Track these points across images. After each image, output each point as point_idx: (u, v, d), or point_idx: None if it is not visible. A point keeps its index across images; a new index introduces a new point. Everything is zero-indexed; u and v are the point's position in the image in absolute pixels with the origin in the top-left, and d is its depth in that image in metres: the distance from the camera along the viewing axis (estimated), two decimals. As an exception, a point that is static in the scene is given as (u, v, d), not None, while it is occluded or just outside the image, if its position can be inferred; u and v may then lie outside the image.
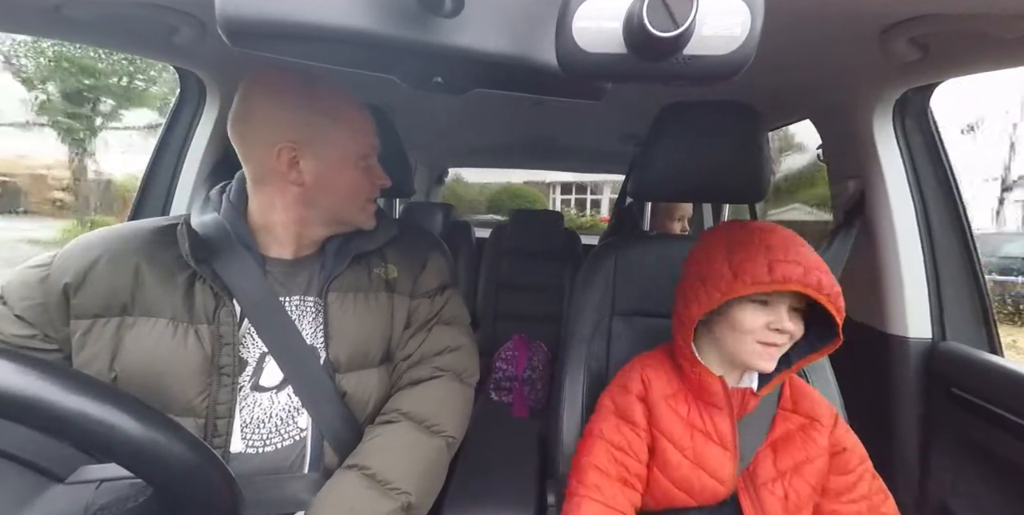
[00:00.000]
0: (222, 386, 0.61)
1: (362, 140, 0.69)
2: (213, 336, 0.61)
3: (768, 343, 0.62)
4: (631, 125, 1.47)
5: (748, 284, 0.58)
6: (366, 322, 0.70)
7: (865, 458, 0.67)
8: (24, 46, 8.84)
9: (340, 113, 0.66)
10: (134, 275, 0.61)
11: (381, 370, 0.72)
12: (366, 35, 0.32)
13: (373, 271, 0.73)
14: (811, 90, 0.95)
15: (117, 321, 0.60)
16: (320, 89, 0.65)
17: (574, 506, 0.65)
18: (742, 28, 0.30)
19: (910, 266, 0.91)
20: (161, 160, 1.09)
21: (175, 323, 0.61)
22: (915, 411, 0.90)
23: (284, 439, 0.64)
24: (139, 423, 0.30)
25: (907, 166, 0.92)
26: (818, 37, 0.68)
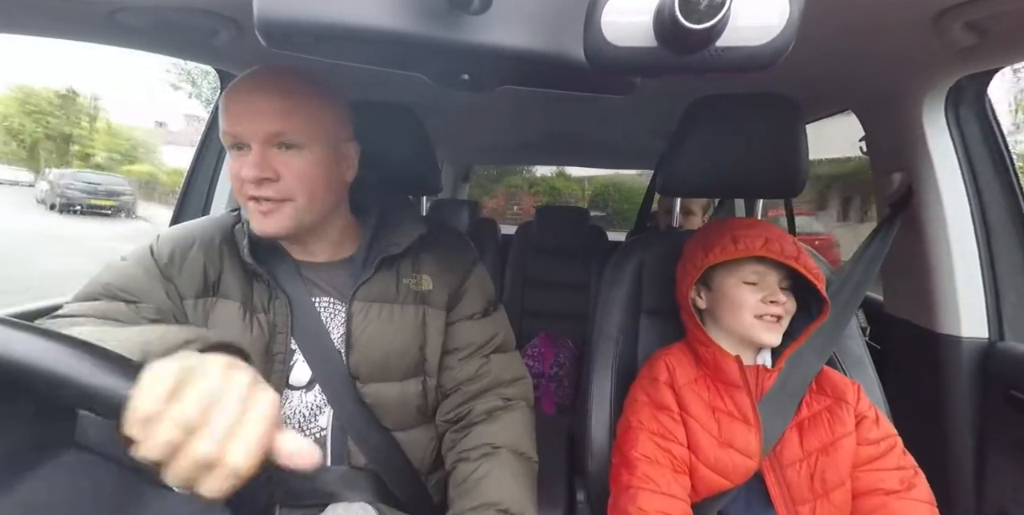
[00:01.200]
0: (273, 373, 0.65)
1: (228, 119, 0.59)
2: (270, 324, 0.65)
3: (766, 315, 0.69)
4: (660, 119, 1.44)
5: (718, 254, 0.70)
6: (389, 335, 0.68)
7: (891, 435, 0.68)
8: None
9: (227, 93, 0.60)
10: (219, 259, 0.67)
11: (407, 384, 0.70)
12: (398, 34, 0.32)
13: (402, 281, 0.70)
14: (854, 79, 0.90)
15: (211, 300, 0.66)
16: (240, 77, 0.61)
17: (629, 498, 0.66)
18: (780, 17, 0.29)
19: (964, 262, 0.86)
20: (203, 159, 1.14)
21: (244, 309, 0.65)
22: (970, 415, 0.85)
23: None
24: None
25: (960, 157, 0.87)
26: (863, 23, 0.65)
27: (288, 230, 0.62)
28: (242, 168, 0.59)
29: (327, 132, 0.63)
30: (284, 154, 0.60)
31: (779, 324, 0.69)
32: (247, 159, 0.59)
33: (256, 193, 0.59)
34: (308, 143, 0.60)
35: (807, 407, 0.70)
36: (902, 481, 0.64)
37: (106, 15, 0.66)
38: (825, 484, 0.65)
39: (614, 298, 0.88)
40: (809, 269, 0.68)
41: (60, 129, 17.51)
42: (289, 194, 0.60)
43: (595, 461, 0.80)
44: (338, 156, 0.66)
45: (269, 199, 0.59)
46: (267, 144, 0.59)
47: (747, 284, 0.71)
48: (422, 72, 0.43)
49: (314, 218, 0.64)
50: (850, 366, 0.79)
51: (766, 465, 0.68)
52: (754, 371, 0.72)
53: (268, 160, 0.59)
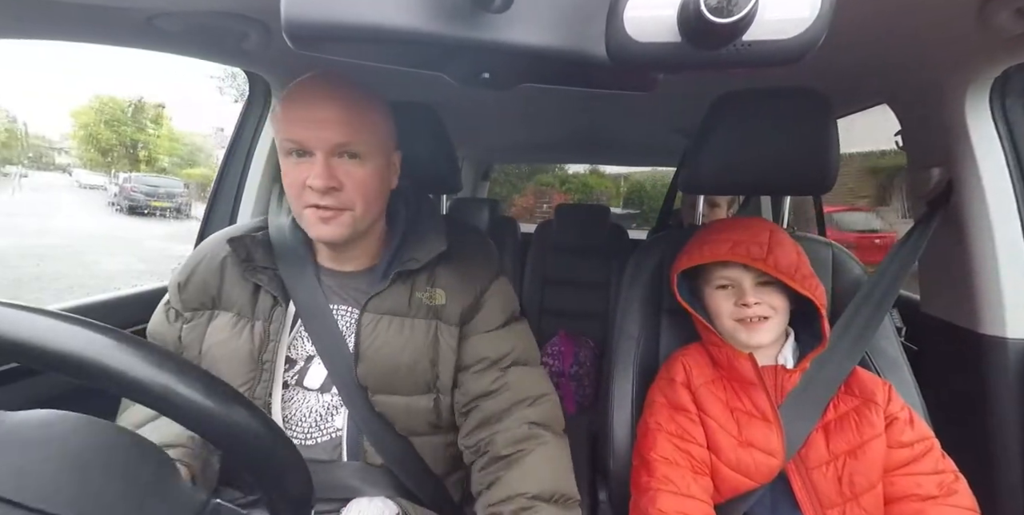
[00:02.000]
0: (262, 381, 0.66)
1: (291, 127, 0.60)
2: (264, 332, 0.66)
3: (744, 318, 0.69)
4: (683, 116, 1.41)
5: (684, 262, 0.74)
6: (398, 349, 0.66)
7: (927, 437, 0.65)
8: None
9: (289, 98, 0.61)
10: (220, 273, 0.69)
11: (416, 400, 0.68)
12: (422, 34, 0.33)
13: (416, 294, 0.68)
14: (890, 71, 0.86)
15: (208, 314, 0.69)
16: (300, 83, 0.62)
17: (649, 500, 0.65)
18: (811, 8, 0.28)
19: (1009, 261, 0.82)
20: (232, 162, 1.17)
21: (239, 317, 0.68)
22: (1017, 419, 0.81)
23: (323, 434, 0.68)
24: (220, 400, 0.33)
25: (1007, 152, 0.82)
26: (902, 13, 0.62)
27: (344, 237, 0.63)
28: (308, 177, 0.59)
29: (384, 142, 0.65)
30: (347, 164, 0.61)
31: (765, 323, 0.69)
32: (313, 168, 0.59)
33: (320, 201, 0.60)
34: (369, 154, 0.62)
35: (834, 408, 0.68)
36: (940, 486, 0.61)
37: (144, 21, 0.69)
38: (854, 487, 0.63)
39: (634, 297, 0.87)
40: (781, 269, 0.66)
41: (130, 136, 19.75)
42: (349, 203, 0.61)
43: (617, 461, 0.79)
44: (389, 165, 0.67)
45: (330, 207, 0.60)
46: (331, 154, 0.60)
47: (720, 289, 0.72)
48: (443, 71, 0.43)
49: (366, 226, 0.66)
50: (884, 368, 0.77)
51: (791, 468, 0.66)
52: (772, 371, 0.70)
53: (333, 169, 0.60)
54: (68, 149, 21.08)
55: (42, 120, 20.62)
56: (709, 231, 0.75)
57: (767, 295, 0.69)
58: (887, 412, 0.66)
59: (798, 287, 0.67)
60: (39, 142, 22.12)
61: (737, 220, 0.78)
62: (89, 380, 0.30)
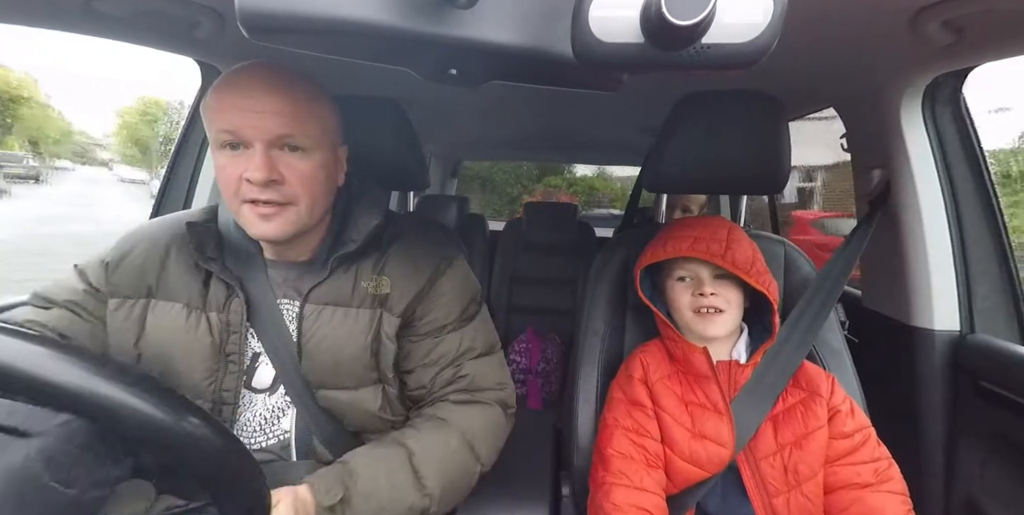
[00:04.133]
0: (228, 373, 0.63)
1: (227, 116, 0.55)
2: (222, 324, 0.63)
3: (700, 309, 0.72)
4: (648, 116, 1.45)
5: (648, 257, 0.77)
6: (340, 340, 0.64)
7: (865, 427, 0.69)
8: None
9: (225, 86, 0.56)
10: (162, 261, 0.65)
11: (363, 393, 0.66)
12: (384, 28, 0.32)
13: (361, 283, 0.65)
14: (835, 77, 0.92)
15: (144, 302, 0.64)
16: (237, 70, 0.58)
17: (604, 494, 0.67)
18: (764, 14, 0.30)
19: (937, 257, 0.89)
20: (184, 153, 1.11)
21: (189, 309, 0.64)
22: (941, 405, 0.88)
23: (268, 438, 0.66)
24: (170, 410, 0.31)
25: (936, 155, 0.89)
26: (844, 21, 0.66)
27: (288, 234, 0.60)
28: (245, 169, 0.55)
29: (329, 136, 0.62)
30: (289, 157, 0.57)
31: (720, 316, 0.72)
32: (252, 160, 0.55)
33: (260, 196, 0.56)
34: (313, 147, 0.59)
35: (782, 401, 0.71)
36: (876, 472, 0.66)
37: (83, 3, 0.64)
38: (798, 476, 0.66)
39: (600, 294, 0.89)
40: (737, 264, 0.70)
41: (168, 134, 22.37)
42: (292, 198, 0.58)
43: (580, 456, 0.81)
44: (336, 159, 0.64)
45: (271, 202, 0.57)
46: (272, 146, 0.56)
47: (679, 281, 0.76)
48: (409, 66, 0.42)
49: (311, 222, 0.62)
50: (829, 359, 0.81)
51: (741, 459, 0.69)
52: (726, 365, 0.73)
53: (273, 162, 0.56)
54: (109, 145, 23.12)
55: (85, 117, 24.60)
56: (672, 229, 0.78)
57: (723, 288, 0.72)
58: (830, 404, 0.70)
59: (753, 282, 0.70)
60: (83, 138, 23.92)
61: (698, 218, 0.81)
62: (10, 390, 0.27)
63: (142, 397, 0.30)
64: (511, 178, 8.02)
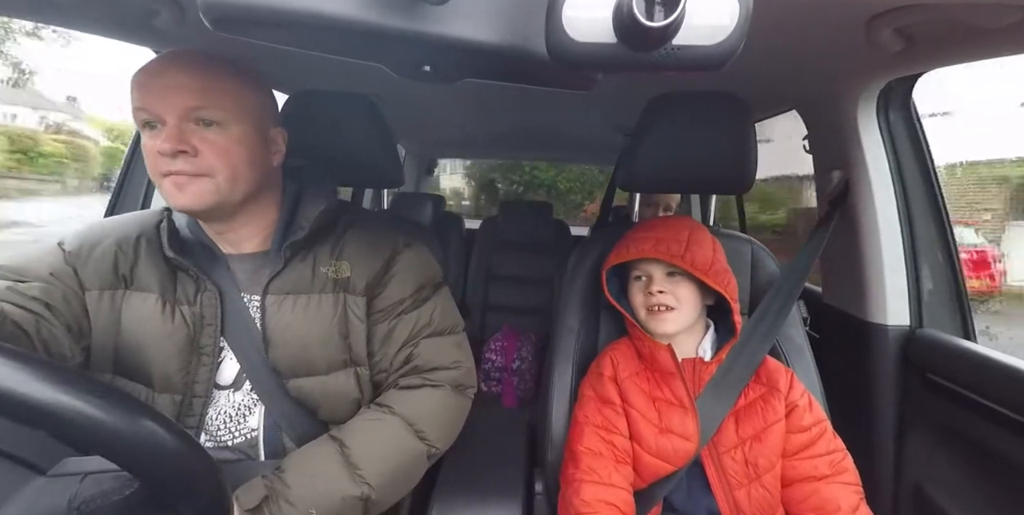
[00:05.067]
0: (201, 365, 0.63)
1: (140, 95, 0.57)
2: (195, 317, 0.63)
3: (651, 307, 0.74)
4: (621, 115, 1.47)
5: (612, 258, 0.78)
6: (305, 327, 0.65)
7: (822, 420, 0.72)
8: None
9: (141, 70, 0.57)
10: (134, 251, 0.65)
11: (335, 377, 0.67)
12: (352, 22, 0.31)
13: (320, 269, 0.66)
14: (797, 80, 0.95)
15: (120, 293, 0.63)
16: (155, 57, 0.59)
17: (573, 491, 0.68)
18: (731, 17, 0.30)
19: (891, 256, 0.93)
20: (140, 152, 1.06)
21: (163, 301, 0.63)
22: (892, 397, 0.93)
23: (235, 436, 0.65)
24: (119, 413, 0.29)
25: (890, 156, 0.94)
26: (804, 27, 0.69)
27: (205, 205, 0.59)
28: (156, 142, 0.56)
29: (249, 112, 0.61)
30: (203, 131, 0.58)
31: (671, 313, 0.73)
32: (163, 133, 0.56)
33: (171, 167, 0.56)
34: (229, 121, 0.59)
35: (744, 396, 0.73)
36: (832, 464, 0.68)
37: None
38: (757, 468, 0.69)
39: (575, 292, 0.90)
40: (696, 265, 0.72)
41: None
42: (208, 170, 0.58)
43: (554, 452, 0.81)
44: (264, 138, 0.64)
45: (184, 172, 0.57)
46: (184, 120, 0.57)
47: (636, 280, 0.78)
48: (382, 62, 0.41)
49: (237, 198, 0.61)
50: (791, 354, 0.84)
51: (705, 453, 0.71)
52: (691, 363, 0.75)
53: (185, 135, 0.56)
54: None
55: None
56: (637, 230, 0.80)
57: (675, 287, 0.74)
58: (789, 399, 0.72)
59: (710, 282, 0.72)
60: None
61: (662, 219, 0.82)
62: None
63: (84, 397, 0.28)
64: (576, 185, 8.31)
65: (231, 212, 0.63)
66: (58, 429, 0.28)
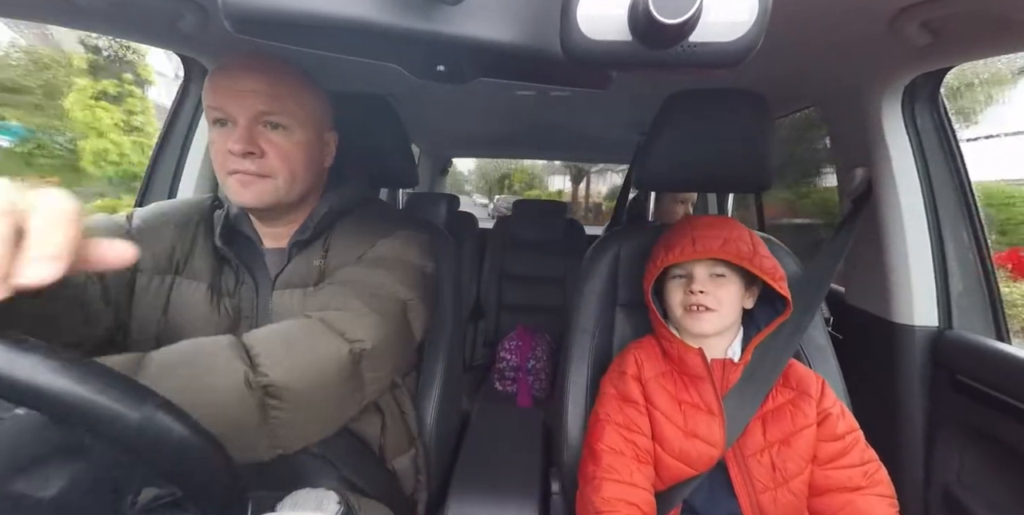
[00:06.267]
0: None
1: (216, 96, 0.60)
2: (234, 309, 0.66)
3: (691, 306, 0.72)
4: (637, 114, 1.46)
5: (676, 255, 0.73)
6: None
7: (855, 429, 0.70)
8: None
9: (216, 70, 0.61)
10: (192, 240, 0.67)
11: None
12: (369, 23, 0.32)
13: (313, 263, 0.67)
14: (818, 77, 0.93)
15: (171, 279, 0.66)
16: (228, 56, 0.62)
17: (593, 489, 0.68)
18: (749, 13, 0.30)
19: (917, 255, 0.91)
20: (167, 146, 1.09)
21: (211, 292, 0.66)
22: (920, 399, 0.90)
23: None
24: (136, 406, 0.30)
25: (916, 153, 0.91)
26: (826, 22, 0.67)
27: (264, 204, 0.63)
28: (227, 142, 0.59)
29: (312, 117, 0.65)
30: (270, 132, 0.61)
31: (710, 314, 0.71)
32: (233, 134, 0.60)
33: (238, 167, 0.60)
34: (294, 125, 0.62)
35: (772, 399, 0.72)
36: (866, 475, 0.66)
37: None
38: (785, 473, 0.67)
39: (590, 291, 0.90)
40: (765, 270, 0.69)
41: (503, 171, 27.37)
42: (271, 171, 0.62)
43: (570, 452, 0.81)
44: (320, 141, 0.67)
45: (250, 172, 0.61)
46: (254, 122, 0.60)
47: (675, 279, 0.75)
48: (397, 63, 0.42)
49: (292, 198, 0.65)
50: (813, 355, 0.82)
51: (729, 455, 0.69)
52: (720, 364, 0.73)
53: (254, 136, 0.60)
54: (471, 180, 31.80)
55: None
56: (696, 226, 0.75)
57: (717, 287, 0.72)
58: (822, 407, 0.70)
59: (778, 288, 0.70)
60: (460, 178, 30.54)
61: (718, 219, 0.79)
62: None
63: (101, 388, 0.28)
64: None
65: (285, 211, 0.67)
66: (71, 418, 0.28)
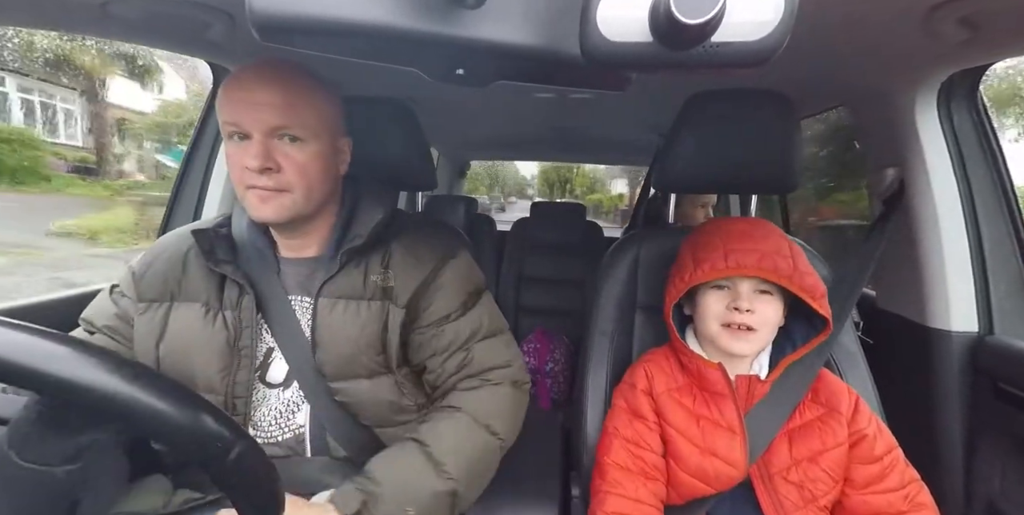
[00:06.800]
0: (241, 367, 0.66)
1: (230, 109, 0.60)
2: (235, 320, 0.66)
3: (732, 324, 0.65)
4: (656, 115, 1.44)
5: (707, 271, 0.65)
6: (354, 332, 0.66)
7: (894, 447, 0.66)
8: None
9: (230, 82, 0.61)
10: (183, 266, 0.69)
11: (377, 382, 0.68)
12: (393, 29, 0.32)
13: (370, 277, 0.68)
14: (847, 75, 0.90)
15: (167, 306, 0.68)
16: (242, 68, 0.62)
17: (598, 502, 0.67)
18: (775, 12, 0.29)
19: (954, 257, 0.87)
20: (195, 155, 1.13)
21: (207, 308, 0.67)
22: (959, 408, 0.86)
23: (284, 432, 0.68)
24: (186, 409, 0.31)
25: (952, 153, 0.87)
26: (857, 19, 0.65)
27: (283, 218, 0.63)
28: (244, 157, 0.60)
29: (327, 127, 0.64)
30: (286, 146, 0.61)
31: (751, 335, 0.65)
32: (250, 149, 0.60)
33: (256, 182, 0.60)
34: (309, 137, 0.62)
35: (799, 415, 0.68)
36: (908, 499, 0.62)
37: (98, 7, 0.65)
38: (815, 492, 0.64)
39: (609, 294, 0.89)
40: (806, 288, 0.63)
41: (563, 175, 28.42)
42: (287, 185, 0.62)
43: (589, 456, 0.80)
44: (335, 149, 0.67)
45: (268, 188, 0.61)
46: (269, 135, 0.60)
47: (716, 288, 0.67)
48: (417, 67, 0.42)
49: (309, 209, 0.65)
50: (843, 362, 0.80)
51: (755, 473, 0.66)
52: (745, 381, 0.69)
53: (270, 150, 0.60)
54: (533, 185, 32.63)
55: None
56: (729, 238, 0.67)
57: (763, 305, 0.65)
58: (856, 427, 0.66)
59: (818, 307, 0.63)
60: (523, 182, 33.28)
61: (750, 225, 0.70)
62: (34, 387, 0.28)
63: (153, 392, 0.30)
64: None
65: (303, 222, 0.67)
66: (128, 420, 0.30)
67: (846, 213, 2.80)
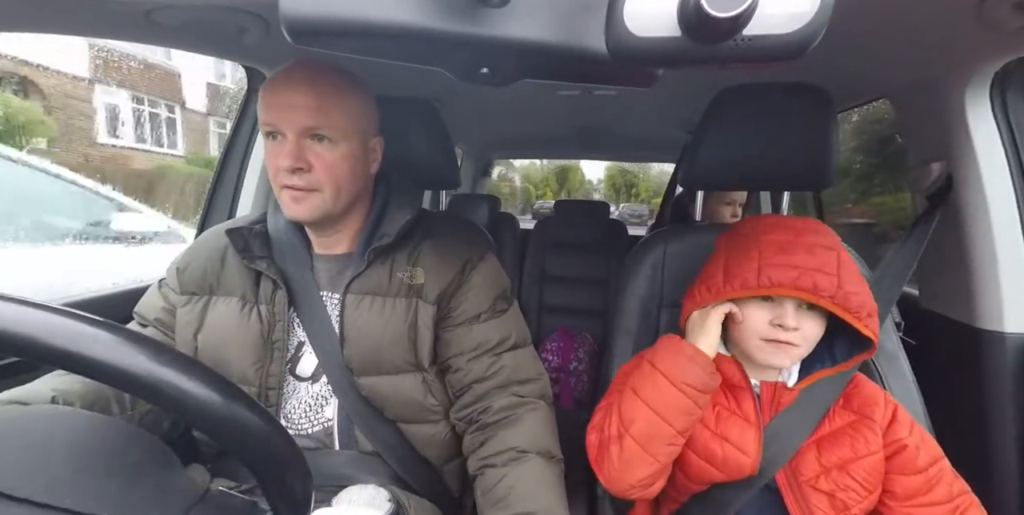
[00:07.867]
0: (274, 360, 0.68)
1: (267, 110, 0.63)
2: (269, 314, 0.69)
3: (774, 340, 0.61)
4: (684, 111, 1.41)
5: (736, 288, 0.61)
6: (380, 328, 0.68)
7: (940, 457, 0.62)
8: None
9: (268, 84, 0.64)
10: (222, 262, 0.72)
11: (402, 379, 0.69)
12: (421, 29, 0.33)
13: (396, 274, 0.69)
14: (890, 67, 0.86)
15: (205, 299, 0.71)
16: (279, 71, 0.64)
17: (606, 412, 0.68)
18: (810, 3, 0.28)
19: (1007, 255, 0.82)
20: (231, 155, 1.17)
21: (243, 302, 0.70)
22: (1012, 413, 0.81)
23: (313, 425, 0.70)
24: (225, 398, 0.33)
25: (1007, 146, 0.82)
26: (899, 8, 0.62)
27: (314, 217, 0.66)
28: (279, 157, 0.63)
29: (358, 127, 0.66)
30: (318, 146, 0.63)
31: (792, 349, 0.61)
32: (283, 149, 0.62)
33: (288, 182, 0.63)
34: (340, 138, 0.64)
35: (828, 422, 0.65)
36: (956, 511, 0.59)
37: (143, 14, 0.69)
38: (847, 501, 0.61)
39: (634, 292, 0.88)
40: (850, 308, 0.58)
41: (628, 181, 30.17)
42: (317, 184, 0.64)
43: None
44: (366, 149, 0.69)
45: (299, 187, 0.63)
46: (302, 136, 0.62)
47: (759, 300, 0.62)
48: (442, 66, 0.43)
49: (340, 208, 0.67)
50: (884, 365, 0.76)
51: (783, 481, 0.64)
52: (771, 387, 0.66)
53: (302, 150, 0.62)
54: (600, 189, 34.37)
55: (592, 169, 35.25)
56: (765, 249, 0.61)
57: (807, 321, 0.61)
58: (895, 436, 0.62)
59: (862, 328, 0.58)
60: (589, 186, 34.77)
61: (788, 230, 0.63)
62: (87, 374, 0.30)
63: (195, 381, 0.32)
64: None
65: (334, 220, 0.69)
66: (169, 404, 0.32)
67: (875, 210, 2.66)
